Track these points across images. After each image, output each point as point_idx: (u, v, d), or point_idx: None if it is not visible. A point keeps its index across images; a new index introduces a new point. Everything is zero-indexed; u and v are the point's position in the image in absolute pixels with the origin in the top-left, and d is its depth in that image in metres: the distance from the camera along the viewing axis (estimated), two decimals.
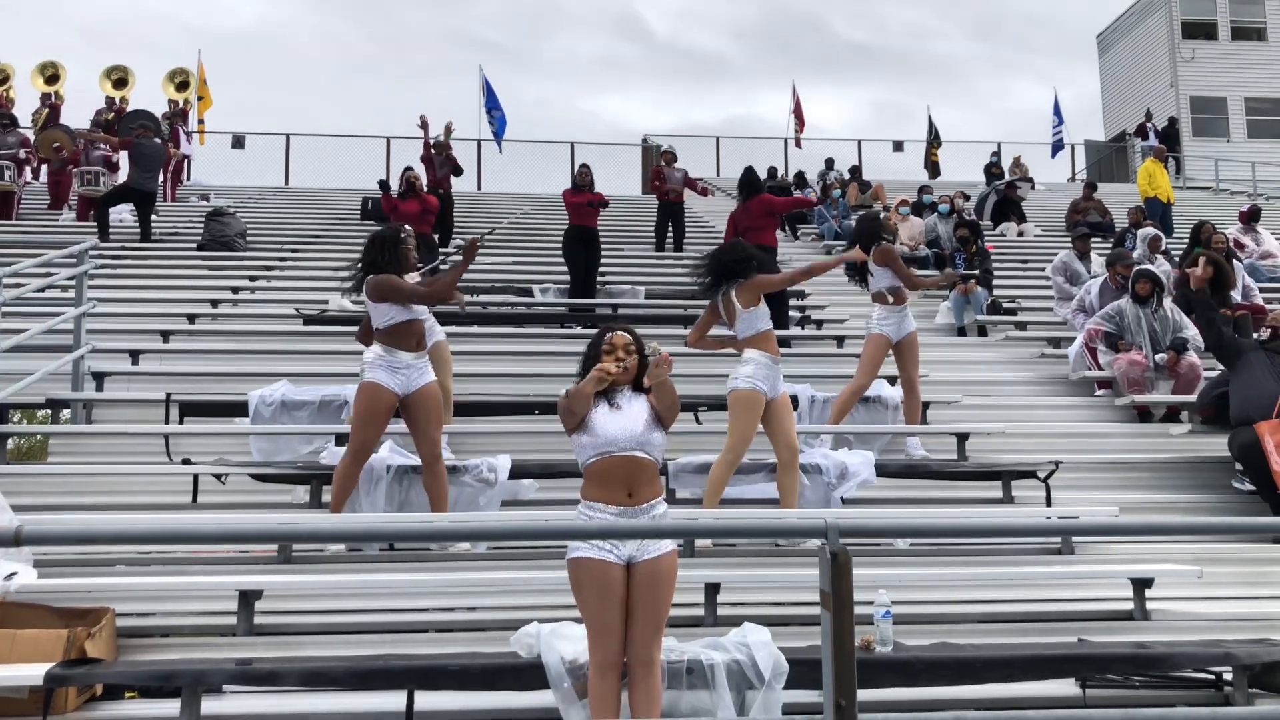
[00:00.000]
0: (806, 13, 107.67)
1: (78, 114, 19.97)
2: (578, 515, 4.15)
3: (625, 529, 3.97)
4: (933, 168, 27.48)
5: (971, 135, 65.37)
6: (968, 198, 17.34)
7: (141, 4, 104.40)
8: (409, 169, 12.50)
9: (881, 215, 8.25)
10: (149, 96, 21.98)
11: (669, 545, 4.03)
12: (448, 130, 13.93)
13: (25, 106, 19.78)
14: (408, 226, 7.54)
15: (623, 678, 3.98)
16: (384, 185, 12.98)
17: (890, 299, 7.80)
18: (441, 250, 12.04)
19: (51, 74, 20.56)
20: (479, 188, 23.92)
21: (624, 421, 4.07)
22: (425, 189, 12.43)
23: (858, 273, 8.09)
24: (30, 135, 17.15)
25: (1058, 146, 28.99)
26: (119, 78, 20.84)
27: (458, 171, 14.71)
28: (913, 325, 7.86)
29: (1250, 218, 14.08)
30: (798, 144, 27.34)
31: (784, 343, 9.75)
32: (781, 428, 6.34)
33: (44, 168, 17.18)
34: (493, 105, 24.60)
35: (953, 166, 27.47)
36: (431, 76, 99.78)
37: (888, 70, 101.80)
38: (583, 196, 11.91)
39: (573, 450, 4.19)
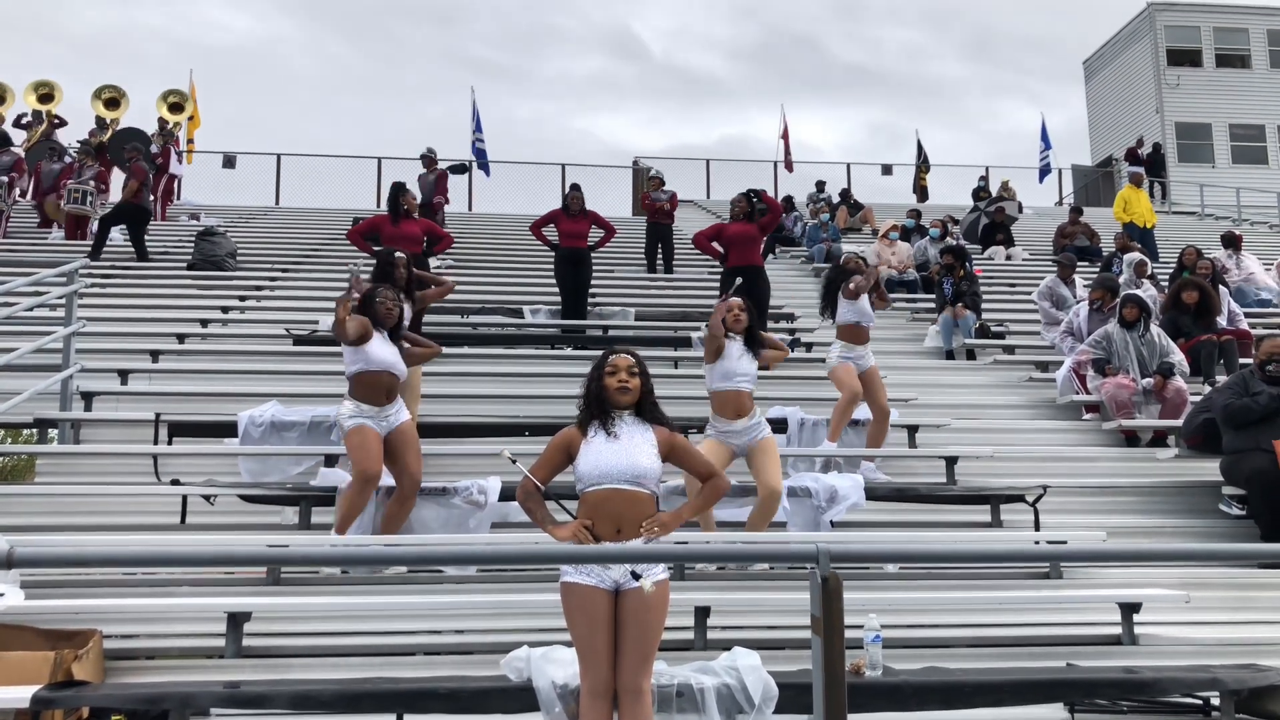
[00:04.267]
0: (802, 33, 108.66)
1: (68, 131, 19.77)
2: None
3: (615, 553, 3.94)
4: (921, 192, 27.65)
5: (962, 158, 66.02)
6: (956, 221, 17.45)
7: (134, 20, 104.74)
8: (402, 187, 11.76)
9: (843, 258, 8.48)
10: (141, 115, 21.95)
11: (660, 574, 3.97)
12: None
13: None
14: (399, 254, 7.50)
15: (614, 703, 3.96)
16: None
17: (854, 334, 7.89)
18: (435, 269, 11.97)
19: (45, 93, 20.41)
20: (470, 208, 23.97)
21: (620, 453, 4.02)
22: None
23: (829, 306, 8.17)
24: (20, 153, 17.13)
25: (1045, 171, 29.24)
26: (110, 98, 20.74)
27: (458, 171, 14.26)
28: (872, 360, 7.93)
29: (1228, 243, 14.20)
30: (789, 168, 27.44)
31: (765, 366, 9.80)
32: (758, 470, 6.26)
33: (33, 185, 17.13)
34: (478, 129, 24.83)
35: (942, 190, 27.66)
36: (425, 96, 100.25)
37: (882, 92, 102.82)
38: (579, 225, 11.86)
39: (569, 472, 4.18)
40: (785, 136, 27.66)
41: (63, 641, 4.59)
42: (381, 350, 6.16)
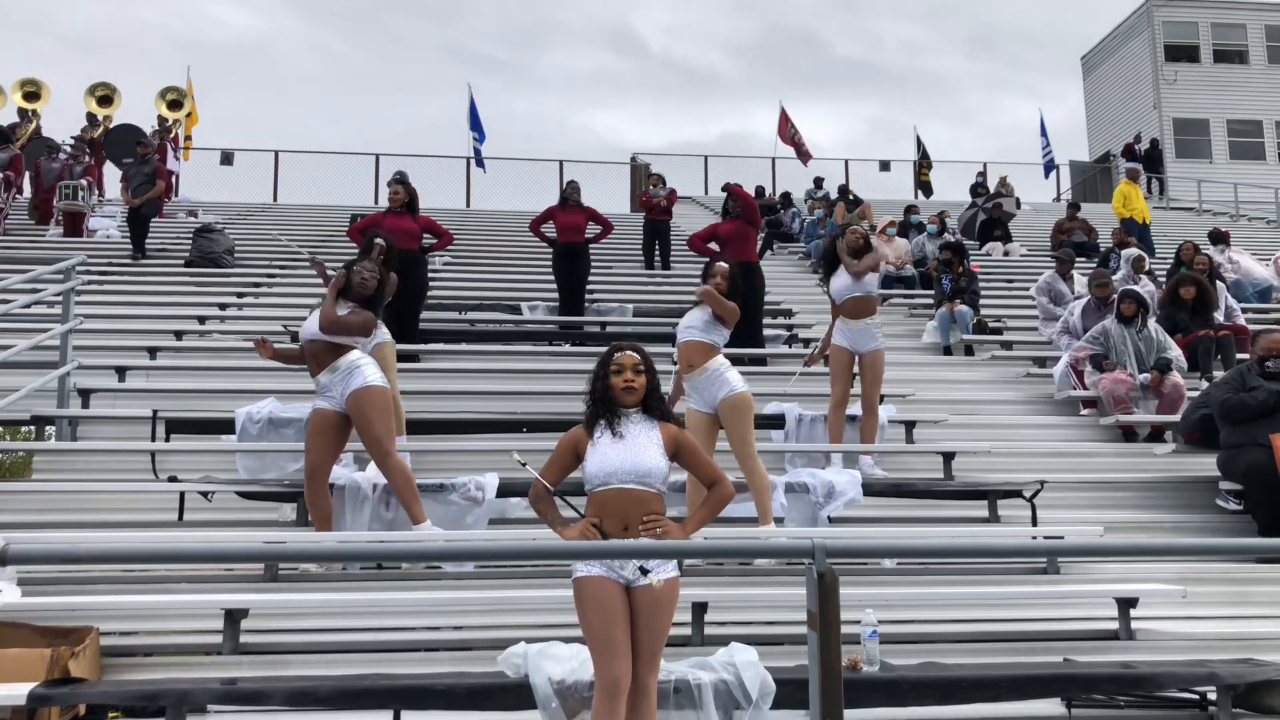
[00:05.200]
0: (802, 28, 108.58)
1: (62, 128, 19.82)
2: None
3: (616, 548, 3.90)
4: (924, 188, 27.62)
5: (963, 153, 66.10)
6: (949, 217, 17.44)
7: (131, 15, 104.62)
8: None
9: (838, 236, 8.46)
10: (136, 111, 22.04)
11: (670, 571, 3.92)
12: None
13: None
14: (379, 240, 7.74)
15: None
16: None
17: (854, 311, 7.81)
18: (432, 271, 11.93)
19: (30, 91, 20.30)
20: (467, 205, 23.95)
21: (625, 453, 3.95)
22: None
23: (829, 273, 8.18)
24: (17, 150, 17.09)
25: (1050, 166, 29.26)
26: (103, 94, 20.68)
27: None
28: (877, 343, 7.82)
29: (1216, 240, 14.19)
30: (804, 162, 27.16)
31: (762, 360, 9.89)
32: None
33: (33, 184, 17.11)
34: (475, 126, 24.84)
35: (943, 186, 27.67)
36: (424, 92, 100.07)
37: (881, 87, 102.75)
38: (574, 217, 11.89)
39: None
40: (784, 131, 27.52)
41: (59, 638, 4.58)
42: (306, 325, 6.16)
